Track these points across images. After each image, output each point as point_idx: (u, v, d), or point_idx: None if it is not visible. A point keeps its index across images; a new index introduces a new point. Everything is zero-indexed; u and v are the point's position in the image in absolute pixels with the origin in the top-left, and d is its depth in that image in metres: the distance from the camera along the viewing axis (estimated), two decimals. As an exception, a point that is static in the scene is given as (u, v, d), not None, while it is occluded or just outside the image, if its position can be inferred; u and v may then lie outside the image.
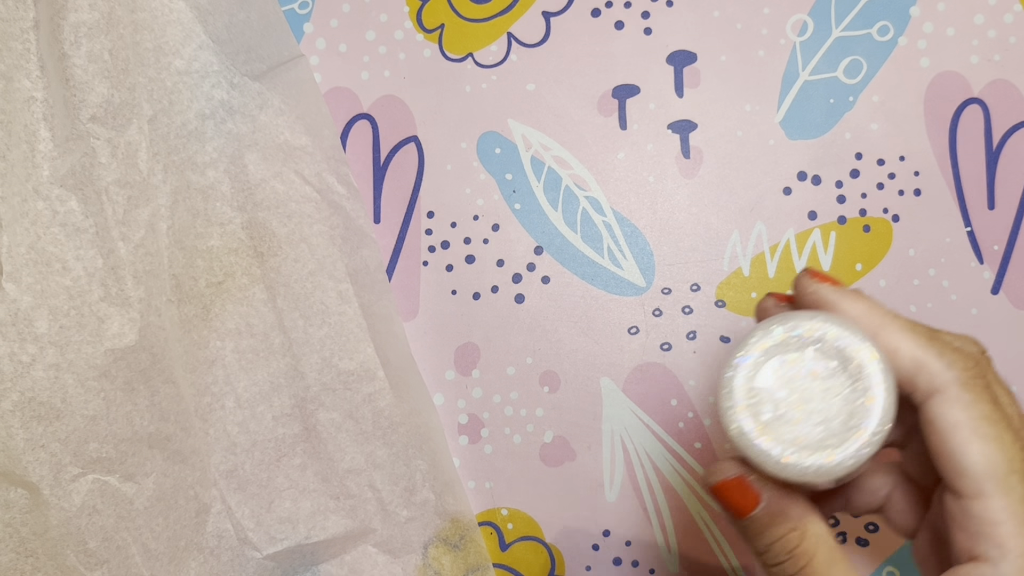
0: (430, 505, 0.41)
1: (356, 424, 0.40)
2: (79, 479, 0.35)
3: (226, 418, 0.40)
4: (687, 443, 0.41)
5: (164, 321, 0.38)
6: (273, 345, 0.40)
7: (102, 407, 0.35)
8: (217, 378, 0.40)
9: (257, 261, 0.40)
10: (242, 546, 0.40)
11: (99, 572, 0.35)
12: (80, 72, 0.36)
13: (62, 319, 0.35)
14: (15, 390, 0.34)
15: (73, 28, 0.36)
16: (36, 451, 0.34)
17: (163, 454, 0.37)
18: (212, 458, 0.39)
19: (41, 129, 0.35)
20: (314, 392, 0.40)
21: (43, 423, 0.34)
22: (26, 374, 0.34)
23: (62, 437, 0.35)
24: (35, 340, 0.34)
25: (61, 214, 0.35)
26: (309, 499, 0.40)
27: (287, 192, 0.40)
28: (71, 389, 0.35)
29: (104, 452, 0.36)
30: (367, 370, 0.40)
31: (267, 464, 0.40)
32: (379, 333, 0.41)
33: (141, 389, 0.37)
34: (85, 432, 0.35)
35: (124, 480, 0.36)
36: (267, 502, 0.40)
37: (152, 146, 0.38)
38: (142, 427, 0.37)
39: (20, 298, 0.34)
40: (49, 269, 0.35)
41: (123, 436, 0.36)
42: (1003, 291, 0.40)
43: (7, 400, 0.33)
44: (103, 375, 0.35)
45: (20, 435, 0.34)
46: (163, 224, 0.38)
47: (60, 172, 0.35)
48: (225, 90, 0.39)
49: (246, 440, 0.40)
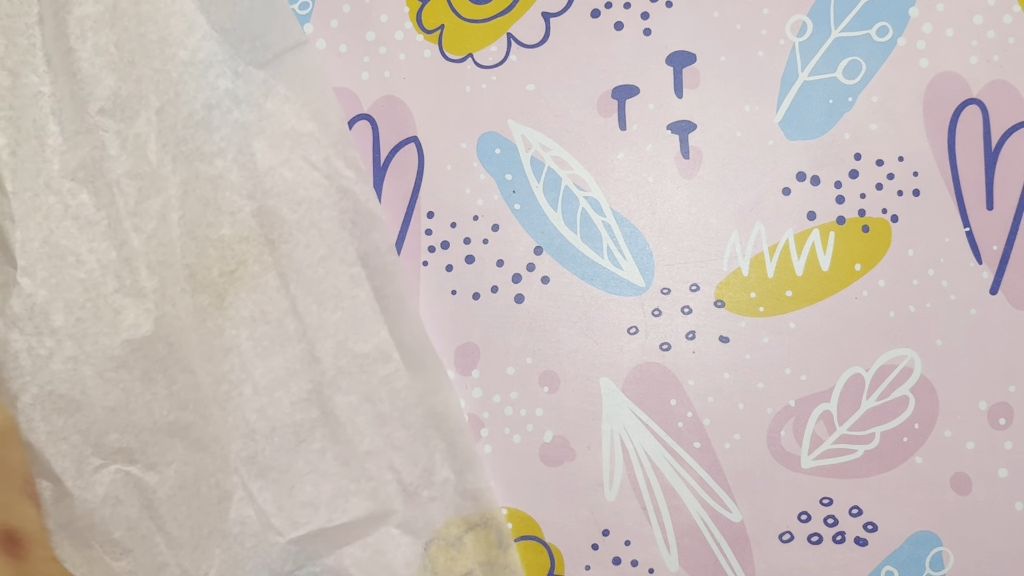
0: (451, 484, 0.41)
1: (373, 406, 0.41)
2: (101, 470, 0.36)
3: (244, 405, 0.40)
4: (687, 443, 0.42)
5: (179, 311, 0.38)
6: (288, 331, 0.40)
7: (121, 398, 0.36)
8: (234, 366, 0.40)
9: (268, 248, 0.40)
10: (265, 531, 0.40)
11: (124, 562, 0.36)
12: (87, 65, 0.36)
13: (78, 312, 0.35)
14: (34, 384, 0.34)
15: (78, 22, 0.36)
16: (58, 443, 0.34)
17: (184, 443, 0.38)
18: (232, 445, 0.40)
19: (50, 123, 0.36)
20: (330, 376, 0.40)
21: (63, 415, 0.35)
22: (45, 367, 0.34)
23: (83, 429, 0.35)
24: (52, 333, 0.34)
25: (73, 207, 0.36)
26: (330, 483, 0.41)
27: (296, 178, 0.40)
28: (90, 381, 0.35)
29: (125, 442, 0.36)
30: (382, 352, 0.41)
31: (287, 449, 0.40)
32: (392, 315, 0.41)
33: (159, 379, 0.37)
34: (105, 423, 0.35)
35: (146, 470, 0.37)
36: (288, 487, 0.40)
37: (160, 137, 0.38)
38: (162, 416, 0.37)
39: (36, 292, 0.34)
40: (63, 262, 0.35)
41: (143, 426, 0.36)
42: (1002, 291, 0.40)
43: (27, 394, 0.34)
44: (121, 366, 0.36)
45: (41, 428, 0.34)
46: (174, 214, 0.39)
47: (70, 166, 0.36)
48: (230, 79, 0.39)
49: (265, 426, 0.40)
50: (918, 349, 0.41)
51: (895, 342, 0.41)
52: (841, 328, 0.41)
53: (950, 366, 0.40)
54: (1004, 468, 0.40)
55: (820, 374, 0.41)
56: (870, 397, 0.41)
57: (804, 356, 0.41)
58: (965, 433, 0.40)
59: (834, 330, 0.41)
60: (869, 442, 0.41)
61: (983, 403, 0.40)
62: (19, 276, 0.34)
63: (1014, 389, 0.40)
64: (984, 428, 0.40)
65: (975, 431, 0.40)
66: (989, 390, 0.40)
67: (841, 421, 0.41)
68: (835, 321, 0.41)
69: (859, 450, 0.41)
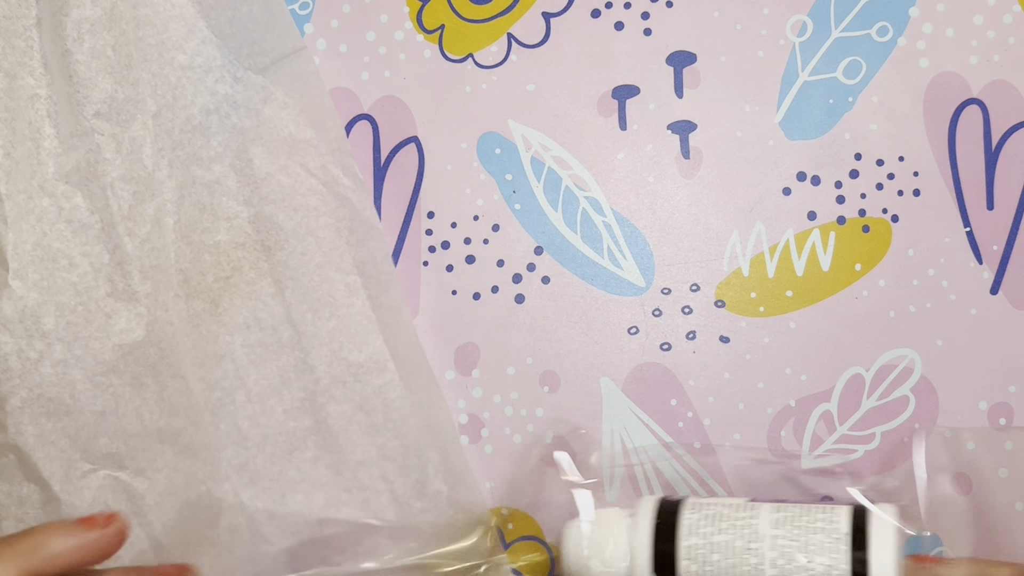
0: (443, 496, 0.41)
1: (367, 416, 0.40)
2: (89, 475, 0.35)
3: (237, 412, 0.40)
4: (687, 443, 0.42)
5: (172, 316, 0.38)
6: (282, 339, 0.40)
7: (111, 402, 0.36)
8: (227, 372, 0.40)
9: (264, 255, 0.40)
10: (255, 540, 0.40)
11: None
12: (83, 68, 0.36)
13: (69, 315, 0.35)
14: (24, 387, 0.34)
15: (76, 25, 0.36)
16: (46, 447, 0.34)
17: (173, 449, 0.37)
18: (224, 452, 0.39)
19: (45, 126, 0.35)
20: (324, 385, 0.40)
21: (52, 419, 0.34)
22: (34, 370, 0.34)
23: (72, 433, 0.35)
24: (42, 336, 0.34)
25: (67, 210, 0.35)
26: (322, 492, 0.40)
27: (293, 185, 0.40)
28: (79, 385, 0.35)
29: (114, 448, 0.36)
30: (377, 362, 0.40)
31: (279, 458, 0.40)
32: (388, 325, 0.41)
33: (150, 384, 0.37)
34: (95, 428, 0.35)
35: (135, 476, 0.37)
36: (280, 495, 0.40)
37: (157, 141, 0.38)
38: (152, 422, 0.37)
39: (27, 295, 0.34)
40: (55, 265, 0.35)
41: (133, 431, 0.36)
42: (1002, 291, 0.40)
43: (16, 397, 0.34)
44: (111, 370, 0.36)
45: (30, 432, 0.34)
46: (169, 219, 0.38)
47: (65, 168, 0.36)
48: (229, 84, 0.39)
49: (257, 434, 0.40)
50: (918, 349, 0.41)
51: (895, 342, 0.41)
52: (841, 328, 0.41)
53: (950, 366, 0.40)
54: (1004, 468, 0.40)
55: (820, 374, 0.41)
56: (870, 397, 0.41)
57: (804, 356, 0.41)
58: (965, 433, 0.40)
59: (834, 330, 0.41)
60: (869, 442, 0.41)
61: (983, 403, 0.40)
62: (11, 279, 0.34)
63: (1014, 389, 0.40)
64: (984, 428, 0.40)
65: (975, 431, 0.40)
66: (989, 390, 0.40)
67: (841, 421, 0.41)
68: (835, 321, 0.41)
69: (859, 450, 0.41)
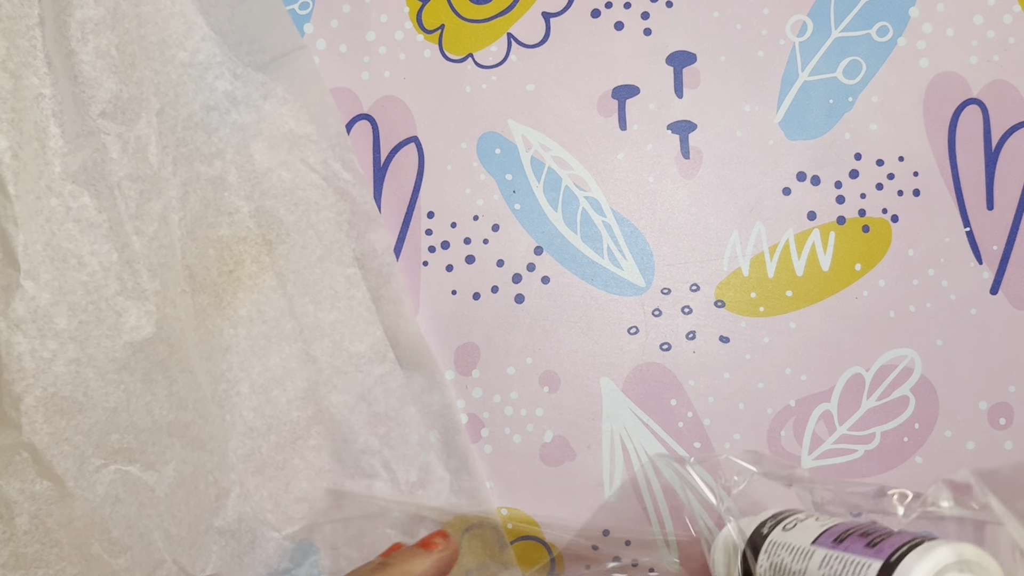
0: (445, 483, 0.42)
1: (369, 405, 0.41)
2: (102, 470, 0.36)
3: (242, 403, 0.40)
4: (687, 443, 0.42)
5: (180, 312, 0.38)
6: (285, 330, 0.41)
7: (123, 399, 0.36)
8: (232, 365, 0.40)
9: (266, 249, 0.40)
10: (261, 527, 0.40)
11: (123, 559, 0.36)
12: (88, 68, 0.36)
13: (80, 314, 0.35)
14: (38, 386, 0.34)
15: (79, 24, 0.36)
16: (60, 445, 0.34)
17: (182, 442, 0.38)
18: (230, 443, 0.40)
19: (51, 126, 0.36)
20: (326, 375, 0.41)
21: (66, 417, 0.35)
22: (48, 369, 0.34)
23: (84, 430, 0.35)
24: (55, 336, 0.34)
25: (75, 210, 0.36)
26: (325, 480, 0.41)
27: (293, 180, 0.40)
28: (92, 383, 0.35)
29: (125, 443, 0.36)
30: (377, 352, 0.41)
31: (283, 447, 0.41)
32: (388, 315, 0.41)
33: (159, 379, 0.37)
34: (107, 424, 0.36)
35: (145, 469, 0.37)
36: (284, 484, 0.41)
37: (161, 139, 0.38)
38: (161, 416, 0.37)
39: (39, 295, 0.34)
40: (65, 265, 0.35)
41: (143, 426, 0.37)
42: (1002, 291, 0.40)
43: (30, 396, 0.34)
44: (123, 368, 0.36)
45: (44, 430, 0.34)
46: (175, 216, 0.39)
47: (72, 168, 0.36)
48: (229, 81, 0.40)
49: (262, 424, 0.41)
50: (918, 349, 0.41)
51: (895, 342, 0.41)
52: (841, 328, 0.41)
53: (950, 366, 0.40)
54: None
55: (820, 374, 0.41)
56: (870, 397, 0.41)
57: (804, 356, 0.41)
58: (965, 433, 0.40)
59: (834, 330, 0.41)
60: (869, 442, 0.41)
61: (983, 403, 0.40)
62: (23, 279, 0.34)
63: (1014, 389, 0.40)
64: (984, 428, 0.40)
65: (975, 431, 0.40)
66: (989, 390, 0.40)
67: (841, 421, 0.41)
68: (835, 321, 0.41)
69: (859, 450, 0.41)
